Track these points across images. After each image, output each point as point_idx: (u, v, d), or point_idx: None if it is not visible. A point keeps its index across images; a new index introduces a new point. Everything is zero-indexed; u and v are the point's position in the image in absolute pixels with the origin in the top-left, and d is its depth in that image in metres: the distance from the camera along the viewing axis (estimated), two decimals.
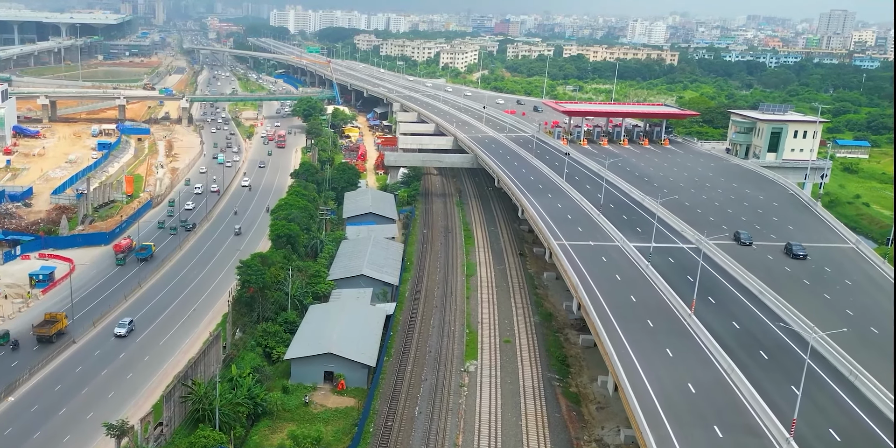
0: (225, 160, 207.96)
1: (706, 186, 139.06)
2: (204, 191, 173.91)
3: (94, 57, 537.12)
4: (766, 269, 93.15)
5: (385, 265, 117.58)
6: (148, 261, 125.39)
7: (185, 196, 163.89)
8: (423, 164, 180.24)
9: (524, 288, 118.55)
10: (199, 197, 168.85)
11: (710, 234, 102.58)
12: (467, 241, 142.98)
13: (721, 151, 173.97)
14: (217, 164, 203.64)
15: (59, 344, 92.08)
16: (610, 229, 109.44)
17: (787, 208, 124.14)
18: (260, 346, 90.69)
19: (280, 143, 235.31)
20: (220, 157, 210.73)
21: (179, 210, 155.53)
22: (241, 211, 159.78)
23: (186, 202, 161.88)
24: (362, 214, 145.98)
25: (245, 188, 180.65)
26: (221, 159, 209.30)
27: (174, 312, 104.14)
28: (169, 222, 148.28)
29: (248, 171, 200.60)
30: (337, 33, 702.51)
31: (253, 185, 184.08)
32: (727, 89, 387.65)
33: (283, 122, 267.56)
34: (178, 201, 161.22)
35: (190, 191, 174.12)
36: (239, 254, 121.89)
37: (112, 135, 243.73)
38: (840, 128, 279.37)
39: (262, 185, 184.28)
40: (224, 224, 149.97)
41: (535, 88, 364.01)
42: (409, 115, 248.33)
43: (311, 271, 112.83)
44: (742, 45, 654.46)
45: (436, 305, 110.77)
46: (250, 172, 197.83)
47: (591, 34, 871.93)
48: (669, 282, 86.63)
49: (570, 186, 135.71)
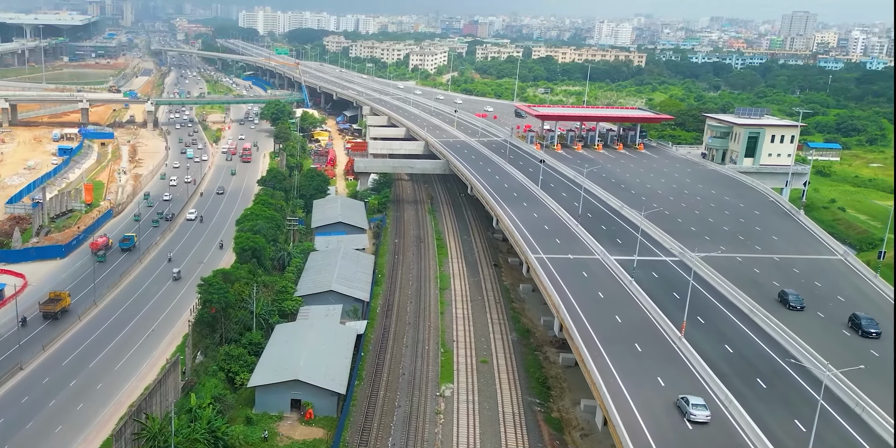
0: (193, 155, 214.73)
1: (685, 194, 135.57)
2: (178, 183, 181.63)
3: (60, 58, 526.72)
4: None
5: (355, 279, 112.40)
6: (131, 251, 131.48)
7: (143, 209, 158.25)
8: (393, 170, 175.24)
9: (500, 301, 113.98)
10: (175, 189, 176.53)
11: (694, 245, 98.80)
12: (440, 251, 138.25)
13: (697, 156, 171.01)
14: (186, 158, 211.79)
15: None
16: (589, 241, 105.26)
17: (769, 216, 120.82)
18: (222, 370, 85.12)
19: (245, 158, 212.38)
20: (188, 152, 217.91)
21: (158, 201, 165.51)
22: (184, 253, 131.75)
23: (164, 193, 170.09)
24: (331, 224, 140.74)
25: (192, 221, 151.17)
26: (191, 154, 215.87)
27: (131, 334, 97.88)
28: (146, 216, 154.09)
29: (203, 197, 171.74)
30: (306, 35, 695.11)
31: (205, 215, 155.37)
32: (695, 91, 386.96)
33: (249, 134, 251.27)
34: (140, 211, 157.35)
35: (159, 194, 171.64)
36: (202, 267, 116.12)
37: (74, 139, 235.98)
38: (810, 130, 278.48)
39: (216, 217, 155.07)
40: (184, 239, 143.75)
41: (506, 90, 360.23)
42: (379, 118, 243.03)
43: (277, 287, 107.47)
44: (707, 46, 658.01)
45: (409, 322, 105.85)
46: (203, 202, 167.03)
47: (558, 35, 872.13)
48: (655, 299, 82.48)
49: (546, 194, 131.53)
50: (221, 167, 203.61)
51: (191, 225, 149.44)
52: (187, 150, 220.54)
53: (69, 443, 72.30)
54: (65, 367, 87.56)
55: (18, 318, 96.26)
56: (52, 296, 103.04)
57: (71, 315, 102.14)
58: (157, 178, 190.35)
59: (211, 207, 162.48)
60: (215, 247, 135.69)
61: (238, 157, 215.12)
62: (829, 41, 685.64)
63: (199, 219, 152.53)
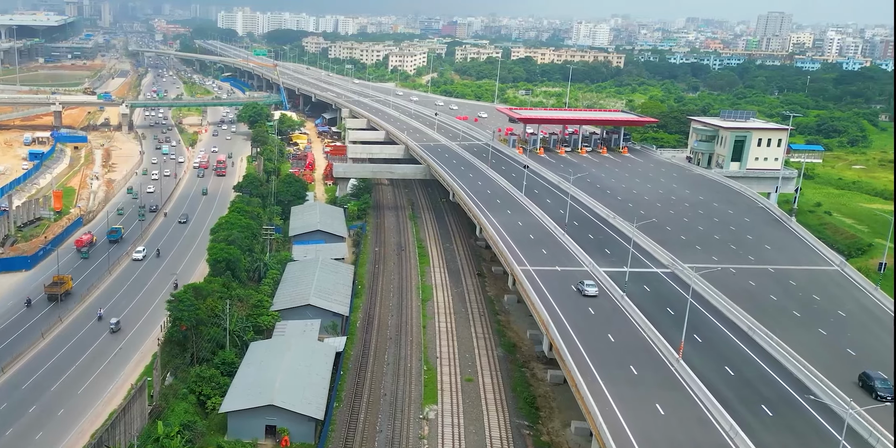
0: (169, 151, 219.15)
1: (672, 200, 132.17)
2: (160, 177, 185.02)
3: (35, 60, 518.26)
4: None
5: (334, 292, 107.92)
6: (119, 242, 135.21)
7: (114, 218, 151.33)
8: (373, 175, 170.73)
9: (484, 314, 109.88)
10: (157, 182, 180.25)
11: (685, 256, 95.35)
12: (422, 260, 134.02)
13: (682, 160, 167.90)
14: (162, 154, 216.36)
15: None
16: (577, 252, 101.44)
17: (760, 224, 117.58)
18: (193, 393, 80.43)
19: (220, 171, 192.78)
20: (164, 148, 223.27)
21: (142, 192, 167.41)
22: (122, 306, 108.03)
23: (147, 186, 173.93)
24: (310, 232, 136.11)
25: (138, 262, 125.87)
26: (166, 150, 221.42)
27: (97, 353, 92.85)
28: (128, 210, 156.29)
29: (163, 223, 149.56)
30: (285, 35, 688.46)
31: (163, 249, 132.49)
32: (675, 92, 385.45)
33: (225, 139, 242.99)
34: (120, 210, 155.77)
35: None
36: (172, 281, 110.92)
37: (46, 143, 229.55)
38: (792, 132, 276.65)
39: (170, 255, 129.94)
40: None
41: (486, 92, 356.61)
42: (358, 121, 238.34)
43: (252, 301, 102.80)
44: (684, 47, 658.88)
45: (390, 337, 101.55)
46: (161, 232, 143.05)
47: (536, 36, 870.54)
48: (649, 315, 78.74)
49: (530, 201, 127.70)
50: (192, 185, 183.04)
51: (138, 265, 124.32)
52: (162, 146, 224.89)
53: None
54: (24, 391, 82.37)
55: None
56: (56, 279, 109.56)
57: (34, 332, 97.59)
58: (140, 173, 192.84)
59: (169, 240, 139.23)
60: (167, 288, 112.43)
61: (212, 170, 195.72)
62: (805, 42, 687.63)
63: (154, 253, 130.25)
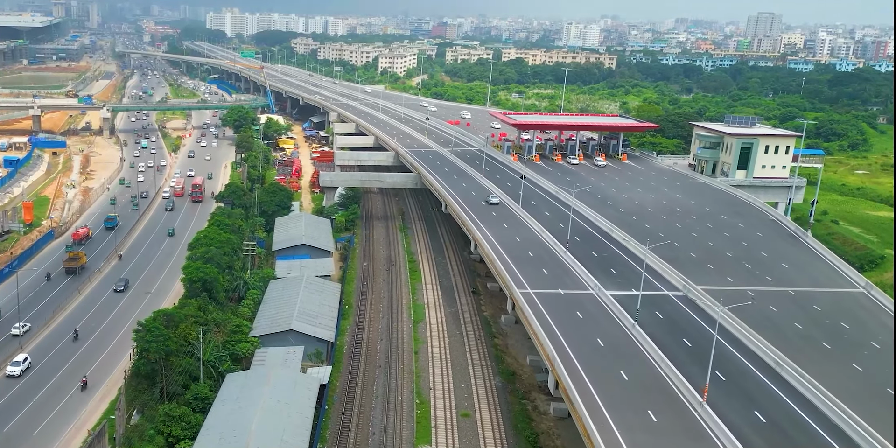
0: (148, 146, 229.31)
1: (677, 212, 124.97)
2: (146, 169, 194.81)
3: (19, 61, 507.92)
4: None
5: (319, 314, 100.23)
6: (114, 229, 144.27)
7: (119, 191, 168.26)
8: (362, 184, 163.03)
9: (480, 338, 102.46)
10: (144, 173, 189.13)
11: (698, 276, 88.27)
12: (413, 276, 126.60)
13: (684, 167, 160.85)
14: (141, 148, 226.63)
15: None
16: (580, 272, 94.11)
17: (774, 239, 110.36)
18: (161, 434, 72.68)
19: (196, 196, 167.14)
20: (143, 142, 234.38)
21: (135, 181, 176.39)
22: None
23: (137, 177, 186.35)
24: (294, 246, 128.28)
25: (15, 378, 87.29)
26: (145, 144, 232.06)
27: (56, 387, 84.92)
28: (120, 202, 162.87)
29: (91, 293, 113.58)
30: (274, 37, 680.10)
31: (76, 335, 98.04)
32: (668, 94, 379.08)
33: (208, 149, 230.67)
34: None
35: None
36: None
37: (23, 149, 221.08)
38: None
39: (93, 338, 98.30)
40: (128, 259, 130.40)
41: (477, 94, 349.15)
42: (346, 126, 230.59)
43: (230, 326, 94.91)
44: (676, 48, 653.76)
45: (379, 365, 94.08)
46: (84, 307, 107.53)
47: (527, 37, 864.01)
48: (664, 348, 71.43)
49: (527, 213, 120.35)
50: (158, 219, 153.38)
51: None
52: (142, 141, 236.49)
53: None
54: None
55: None
56: (72, 255, 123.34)
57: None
58: (127, 165, 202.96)
59: (89, 324, 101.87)
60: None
61: (188, 196, 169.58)
62: (796, 42, 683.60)
63: (72, 336, 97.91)
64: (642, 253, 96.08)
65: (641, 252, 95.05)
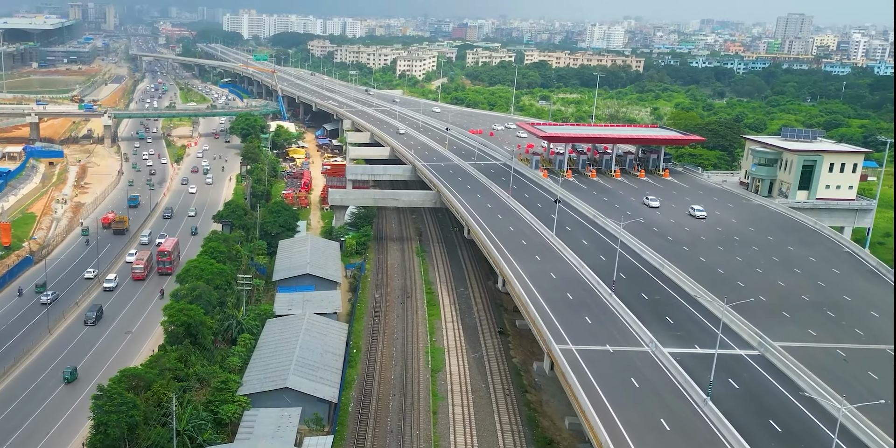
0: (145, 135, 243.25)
1: (735, 241, 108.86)
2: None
3: (29, 64, 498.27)
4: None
5: (321, 365, 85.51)
6: (137, 208, 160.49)
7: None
8: (375, 203, 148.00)
9: (510, 392, 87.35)
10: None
11: (772, 328, 72.58)
12: (431, 311, 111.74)
13: (735, 185, 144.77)
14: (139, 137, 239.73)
15: None
16: (630, 321, 78.65)
17: (854, 277, 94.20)
18: None
19: (165, 268, 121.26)
20: (140, 132, 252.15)
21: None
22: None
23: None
24: (298, 276, 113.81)
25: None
26: (142, 134, 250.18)
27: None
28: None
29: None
30: (291, 38, 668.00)
31: None
32: (701, 99, 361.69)
33: (215, 159, 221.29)
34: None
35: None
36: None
37: (17, 159, 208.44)
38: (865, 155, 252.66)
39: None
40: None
41: (500, 99, 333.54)
42: (360, 135, 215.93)
43: (215, 382, 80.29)
44: (704, 50, 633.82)
45: (391, 430, 79.18)
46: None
47: (549, 39, 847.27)
48: (746, 434, 56.00)
49: (563, 243, 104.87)
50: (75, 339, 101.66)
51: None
52: (139, 132, 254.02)
53: None
54: None
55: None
56: (117, 218, 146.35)
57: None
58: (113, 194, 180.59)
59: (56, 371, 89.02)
60: None
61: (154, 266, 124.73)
62: (829, 44, 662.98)
63: None
64: (696, 292, 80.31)
65: (722, 314, 79.00)
